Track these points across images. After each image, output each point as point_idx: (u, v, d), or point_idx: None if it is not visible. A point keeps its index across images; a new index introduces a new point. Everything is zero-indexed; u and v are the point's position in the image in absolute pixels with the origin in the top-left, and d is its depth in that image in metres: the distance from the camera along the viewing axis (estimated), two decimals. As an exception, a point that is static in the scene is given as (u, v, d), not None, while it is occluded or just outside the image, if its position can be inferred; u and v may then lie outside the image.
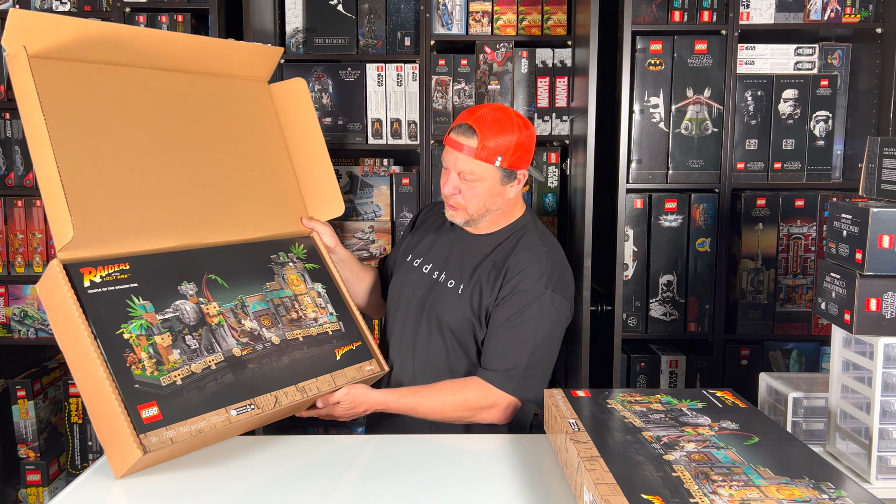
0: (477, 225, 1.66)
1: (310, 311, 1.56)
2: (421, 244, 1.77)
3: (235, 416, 1.28)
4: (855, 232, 1.33)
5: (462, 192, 1.58)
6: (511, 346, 1.55)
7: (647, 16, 2.36)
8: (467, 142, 1.54)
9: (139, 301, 1.31)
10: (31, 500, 2.66)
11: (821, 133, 2.41)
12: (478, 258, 1.65)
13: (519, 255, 1.60)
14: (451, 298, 1.63)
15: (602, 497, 0.94)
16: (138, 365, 1.24)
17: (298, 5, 2.62)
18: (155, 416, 1.20)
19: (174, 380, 1.26)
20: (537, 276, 1.58)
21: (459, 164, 1.56)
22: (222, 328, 1.39)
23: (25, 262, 2.57)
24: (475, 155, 1.54)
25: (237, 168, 1.61)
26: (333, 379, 1.49)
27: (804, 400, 1.47)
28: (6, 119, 2.53)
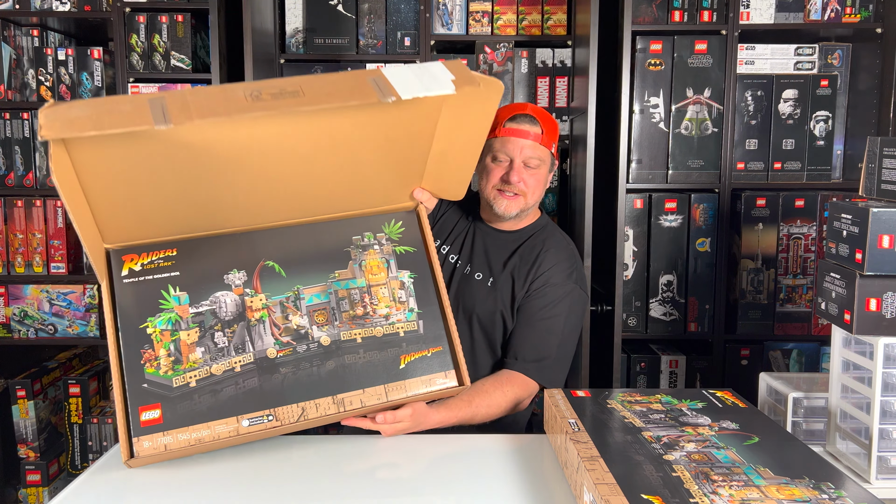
0: (523, 216, 1.69)
1: (382, 307, 1.33)
2: (451, 233, 1.75)
3: (247, 426, 1.18)
4: (855, 232, 1.32)
5: (526, 179, 1.62)
6: (542, 339, 1.59)
7: (647, 16, 2.36)
8: (532, 129, 1.61)
9: (175, 292, 1.21)
10: (31, 500, 2.66)
11: (821, 133, 2.41)
12: (506, 253, 1.67)
13: (550, 252, 1.65)
14: (482, 291, 1.64)
15: (602, 497, 0.94)
16: (153, 363, 1.17)
17: (298, 5, 2.62)
18: (155, 419, 1.14)
19: (188, 381, 1.18)
20: (567, 271, 1.64)
21: (527, 151, 1.61)
22: (262, 324, 1.24)
23: (25, 262, 2.57)
24: (541, 141, 1.62)
25: (348, 137, 1.25)
26: (387, 392, 1.27)
27: (804, 400, 1.47)
28: (6, 119, 2.53)
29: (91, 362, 2.95)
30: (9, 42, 2.56)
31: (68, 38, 2.81)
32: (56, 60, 2.52)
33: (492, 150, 1.64)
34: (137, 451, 1.14)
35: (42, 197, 2.55)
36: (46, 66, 2.53)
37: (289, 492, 1.20)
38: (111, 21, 2.48)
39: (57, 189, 1.04)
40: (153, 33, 2.48)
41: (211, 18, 2.40)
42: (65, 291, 2.58)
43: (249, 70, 2.25)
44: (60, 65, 2.53)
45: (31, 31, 2.63)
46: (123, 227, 1.20)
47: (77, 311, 2.59)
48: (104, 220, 1.16)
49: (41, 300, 2.58)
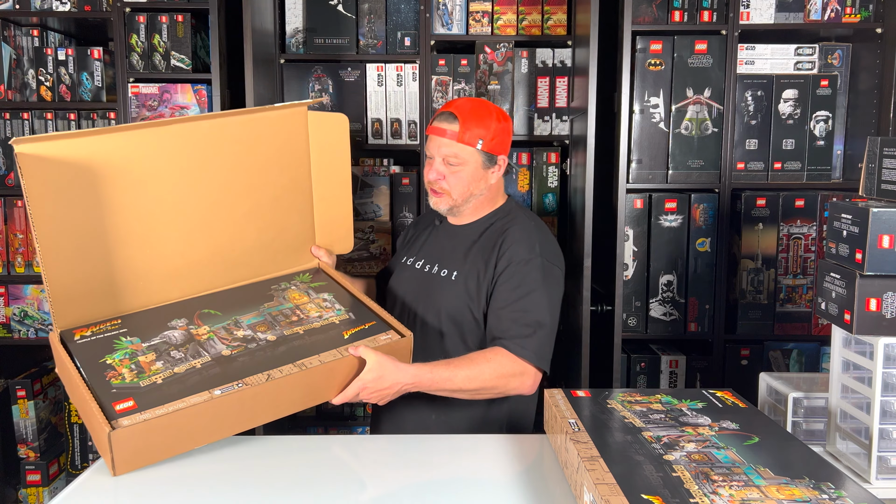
0: (461, 212, 1.72)
1: (313, 312, 1.51)
2: (413, 245, 1.84)
3: (219, 395, 1.25)
4: (855, 232, 1.32)
5: (446, 177, 1.65)
6: (521, 316, 1.55)
7: (647, 16, 2.36)
8: (450, 126, 1.63)
9: (126, 339, 1.38)
10: (31, 500, 2.66)
11: (821, 133, 2.41)
12: (467, 244, 1.70)
13: (510, 232, 1.65)
14: (446, 287, 1.66)
15: (602, 497, 0.94)
16: (118, 377, 1.29)
17: (298, 5, 2.62)
18: (130, 407, 1.22)
19: (154, 381, 1.28)
20: (529, 247, 1.62)
21: (443, 150, 1.63)
22: (211, 340, 1.40)
23: (25, 262, 2.57)
24: (458, 138, 1.62)
25: (252, 209, 1.58)
26: (340, 353, 1.39)
27: (804, 400, 1.47)
28: (6, 119, 2.53)
29: (91, 362, 2.95)
30: (9, 42, 2.56)
31: (68, 38, 2.81)
32: (56, 60, 2.53)
33: (425, 148, 1.71)
34: (116, 425, 1.19)
35: (42, 197, 2.55)
36: (46, 66, 2.53)
37: (288, 492, 1.20)
38: (111, 21, 2.48)
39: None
40: (153, 33, 2.48)
41: (211, 18, 2.40)
42: (65, 291, 2.58)
43: (249, 70, 2.25)
44: (60, 65, 2.53)
45: (31, 31, 2.63)
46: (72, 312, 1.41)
47: (77, 311, 2.59)
48: (57, 308, 1.39)
49: (41, 300, 2.58)
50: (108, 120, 2.53)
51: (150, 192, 1.43)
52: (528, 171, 2.65)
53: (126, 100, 2.49)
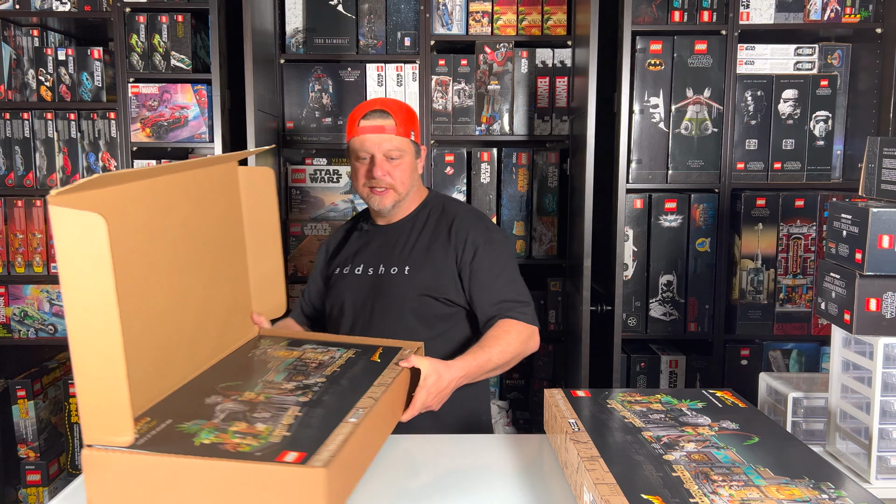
0: (400, 207, 1.72)
1: (323, 357, 1.42)
2: (341, 256, 1.79)
3: (356, 420, 1.12)
4: (855, 232, 1.33)
5: (391, 172, 1.65)
6: (510, 290, 1.65)
7: (647, 16, 2.36)
8: (386, 122, 1.65)
9: (189, 423, 1.11)
10: (31, 500, 2.66)
11: (821, 133, 2.41)
12: (409, 239, 1.71)
13: (458, 218, 1.70)
14: (399, 282, 1.66)
15: (602, 497, 0.94)
16: (242, 446, 1.04)
17: (298, 5, 2.62)
18: (298, 456, 1.01)
19: (282, 434, 1.08)
20: (483, 227, 1.70)
21: (385, 145, 1.64)
22: (273, 398, 1.21)
23: (25, 262, 2.57)
24: (396, 132, 1.65)
25: (204, 280, 1.36)
26: (394, 370, 1.33)
27: (804, 400, 1.47)
28: (6, 119, 2.53)
29: (91, 362, 2.95)
30: (9, 42, 2.56)
31: (68, 38, 2.81)
32: (56, 60, 2.53)
33: (353, 150, 1.68)
34: (315, 466, 1.02)
35: (42, 197, 2.55)
36: (46, 66, 2.53)
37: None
38: (111, 21, 2.48)
39: None
40: (153, 33, 2.48)
41: (211, 18, 2.40)
42: (65, 291, 2.58)
43: (249, 70, 2.25)
44: (60, 65, 2.53)
45: (31, 31, 2.63)
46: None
47: (77, 311, 2.58)
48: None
49: (41, 300, 2.58)
50: (109, 120, 2.53)
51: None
52: (528, 171, 2.65)
53: (126, 100, 2.49)
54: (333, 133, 2.65)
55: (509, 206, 2.66)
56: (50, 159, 2.55)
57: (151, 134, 2.51)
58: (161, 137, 2.51)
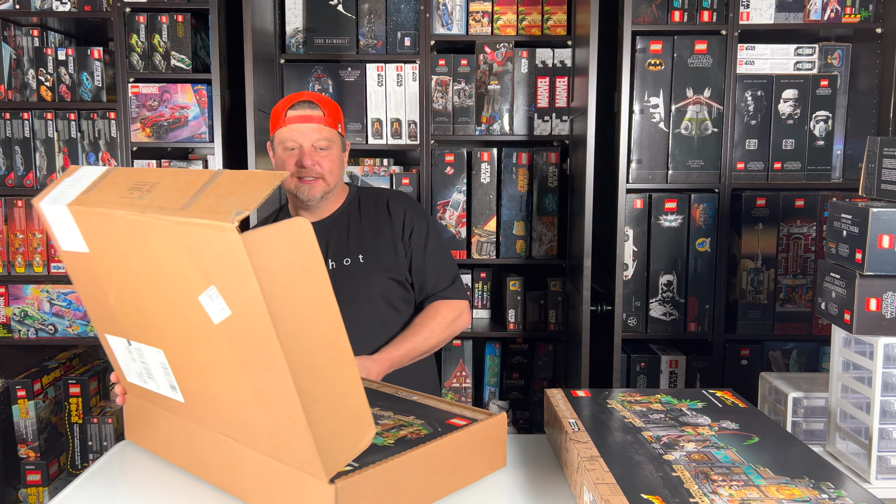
0: (328, 200, 1.71)
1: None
2: None
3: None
4: (855, 232, 1.33)
5: (320, 162, 1.65)
6: (440, 266, 1.72)
7: (647, 16, 2.36)
8: (314, 112, 1.65)
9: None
10: (31, 500, 2.66)
11: (821, 133, 2.41)
12: (353, 230, 1.71)
13: (391, 202, 1.73)
14: (358, 271, 1.67)
15: (602, 497, 0.94)
16: (412, 433, 1.15)
17: (298, 5, 2.62)
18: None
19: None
20: (415, 208, 1.75)
21: (314, 135, 1.64)
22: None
23: (25, 262, 2.57)
24: (325, 122, 1.65)
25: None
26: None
27: (804, 400, 1.47)
28: (6, 119, 2.53)
29: (91, 362, 2.95)
30: (9, 42, 2.57)
31: (68, 38, 2.81)
32: (56, 60, 2.53)
33: (280, 140, 1.66)
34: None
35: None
36: (46, 66, 2.53)
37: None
38: (111, 21, 2.48)
39: None
40: (153, 33, 2.48)
41: (211, 18, 2.40)
42: (65, 291, 2.58)
43: (249, 70, 2.25)
44: (60, 65, 2.53)
45: (31, 31, 2.63)
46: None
47: (77, 311, 2.59)
48: None
49: (41, 300, 2.58)
50: (109, 120, 2.53)
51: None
52: (528, 171, 2.65)
53: (126, 100, 2.50)
54: (333, 133, 2.65)
55: (509, 206, 2.66)
56: (50, 159, 2.55)
57: (151, 134, 2.51)
58: (161, 137, 2.51)
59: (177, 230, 0.90)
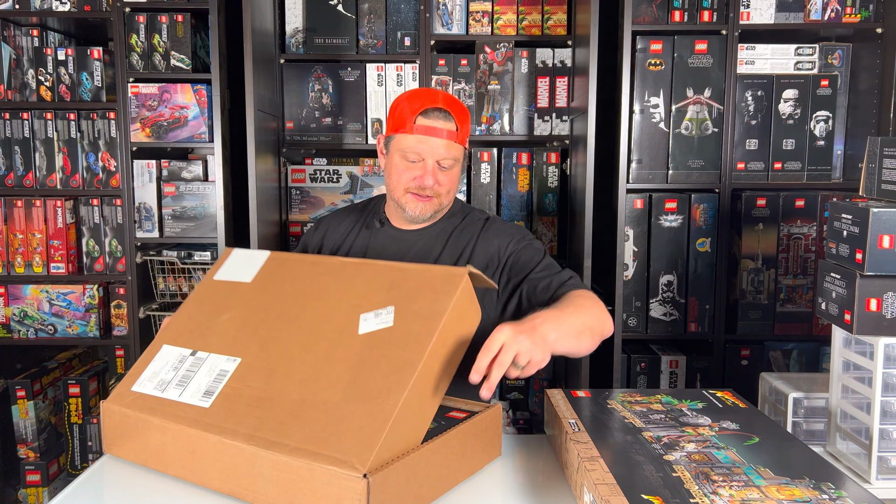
0: (435, 216, 1.55)
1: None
2: (347, 252, 1.61)
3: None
4: (855, 232, 1.32)
5: (441, 181, 1.49)
6: (553, 270, 1.49)
7: (647, 16, 2.36)
8: (447, 126, 1.46)
9: None
10: (31, 500, 2.66)
11: (821, 133, 2.41)
12: (435, 249, 1.54)
13: (475, 238, 1.53)
14: None
15: (602, 497, 0.94)
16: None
17: (298, 5, 2.62)
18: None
19: None
20: (506, 239, 1.52)
21: (441, 151, 1.47)
22: None
23: (25, 262, 2.56)
24: (456, 139, 1.48)
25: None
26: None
27: (804, 400, 1.47)
28: (6, 119, 2.53)
29: (91, 362, 2.95)
30: (9, 42, 2.56)
31: (68, 38, 2.81)
32: (56, 60, 2.52)
33: (401, 147, 1.48)
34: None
35: (42, 197, 2.55)
36: (46, 66, 2.53)
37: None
38: (111, 21, 2.48)
39: None
40: (153, 33, 2.48)
41: (211, 18, 2.40)
42: (65, 291, 2.58)
43: (249, 70, 2.25)
44: (60, 65, 2.52)
45: (31, 31, 2.63)
46: None
47: (77, 311, 2.59)
48: None
49: (41, 300, 2.58)
50: (108, 120, 2.53)
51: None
52: (528, 171, 2.65)
53: (126, 100, 2.49)
54: (333, 133, 2.65)
55: (509, 206, 2.66)
56: (50, 159, 2.55)
57: (151, 134, 2.51)
58: (161, 137, 2.51)
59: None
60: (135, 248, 2.55)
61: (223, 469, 1.11)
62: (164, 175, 2.59)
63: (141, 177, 2.54)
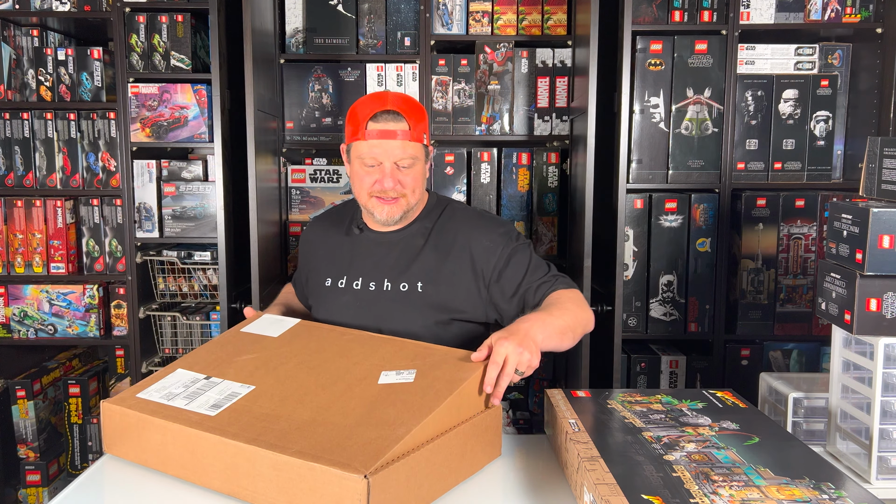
0: (408, 216, 1.56)
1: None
2: (332, 263, 1.61)
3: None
4: (855, 232, 1.32)
5: (402, 181, 1.49)
6: (541, 276, 1.51)
7: (647, 16, 2.36)
8: (399, 126, 1.47)
9: None
10: (31, 500, 2.66)
11: (821, 133, 2.41)
12: (418, 252, 1.54)
13: (474, 230, 1.54)
14: (415, 301, 1.50)
15: (602, 497, 0.94)
16: None
17: (298, 5, 2.62)
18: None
19: None
20: (501, 234, 1.53)
21: (397, 152, 1.47)
22: None
23: (25, 262, 2.56)
24: (410, 137, 1.48)
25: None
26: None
27: (804, 400, 1.47)
28: (6, 119, 2.53)
29: (91, 362, 2.95)
30: (9, 42, 2.56)
31: (68, 38, 2.81)
32: (56, 60, 2.52)
33: (359, 154, 1.49)
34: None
35: (42, 197, 2.55)
36: (46, 66, 2.53)
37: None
38: (111, 21, 2.48)
39: None
40: (153, 33, 2.48)
41: (211, 18, 2.40)
42: (64, 291, 2.58)
43: (249, 70, 2.25)
44: (60, 65, 2.52)
45: (31, 31, 2.63)
46: None
47: (77, 311, 2.59)
48: None
49: (41, 300, 2.58)
50: (108, 120, 2.53)
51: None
52: (528, 171, 2.65)
53: (126, 100, 2.49)
54: (333, 133, 2.65)
55: (509, 206, 2.66)
56: (50, 159, 2.55)
57: (151, 134, 2.51)
58: (161, 137, 2.51)
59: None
60: (135, 248, 2.55)
61: (223, 469, 1.10)
62: (164, 175, 2.59)
63: (141, 177, 2.54)
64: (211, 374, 1.29)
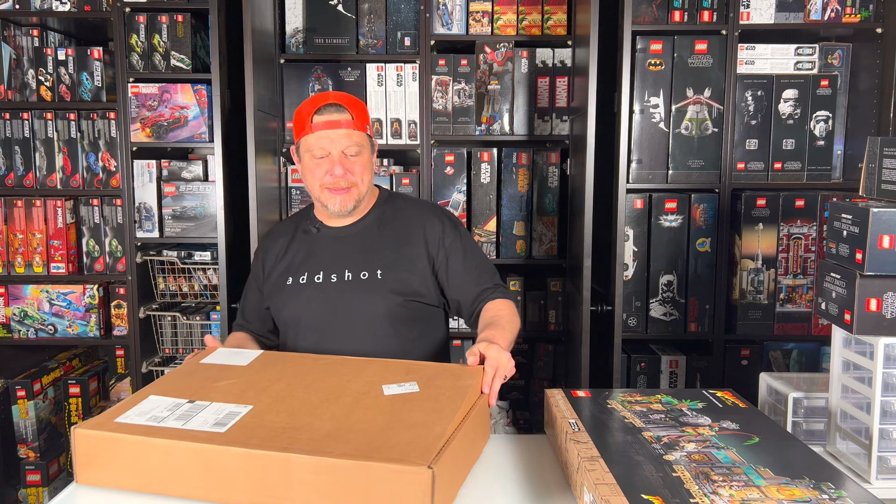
0: (359, 206, 1.63)
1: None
2: (286, 264, 1.67)
3: None
4: (855, 232, 1.32)
5: (351, 169, 1.57)
6: (484, 272, 1.65)
7: (647, 16, 2.36)
8: (343, 116, 1.56)
9: None
10: (31, 500, 2.66)
11: (821, 133, 2.41)
12: (375, 241, 1.63)
13: (418, 216, 1.66)
14: (373, 286, 1.57)
15: (602, 497, 0.94)
16: None
17: (298, 5, 2.62)
18: None
19: None
20: (449, 226, 1.66)
21: (343, 141, 1.55)
22: None
23: (25, 262, 2.56)
24: (354, 126, 1.56)
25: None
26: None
27: (804, 400, 1.47)
28: (6, 119, 2.53)
29: (91, 362, 2.95)
30: (9, 42, 2.56)
31: (68, 38, 2.81)
32: (56, 60, 2.52)
33: (308, 147, 1.57)
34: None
35: (42, 197, 2.55)
36: (46, 66, 2.53)
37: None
38: (111, 21, 2.48)
39: None
40: (153, 33, 2.48)
41: (211, 18, 2.40)
42: (65, 291, 2.58)
43: (249, 70, 2.25)
44: (60, 65, 2.53)
45: (31, 31, 2.63)
46: None
47: (77, 311, 2.59)
48: None
49: (41, 300, 2.58)
50: (108, 120, 2.53)
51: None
52: (528, 170, 2.65)
53: (126, 100, 2.49)
54: (333, 133, 2.65)
55: (509, 206, 2.66)
56: (50, 159, 2.55)
57: (151, 134, 2.51)
58: (161, 137, 2.51)
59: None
60: (135, 248, 2.55)
61: (248, 481, 1.05)
62: (164, 175, 2.59)
63: (141, 177, 2.54)
64: (193, 398, 1.23)
